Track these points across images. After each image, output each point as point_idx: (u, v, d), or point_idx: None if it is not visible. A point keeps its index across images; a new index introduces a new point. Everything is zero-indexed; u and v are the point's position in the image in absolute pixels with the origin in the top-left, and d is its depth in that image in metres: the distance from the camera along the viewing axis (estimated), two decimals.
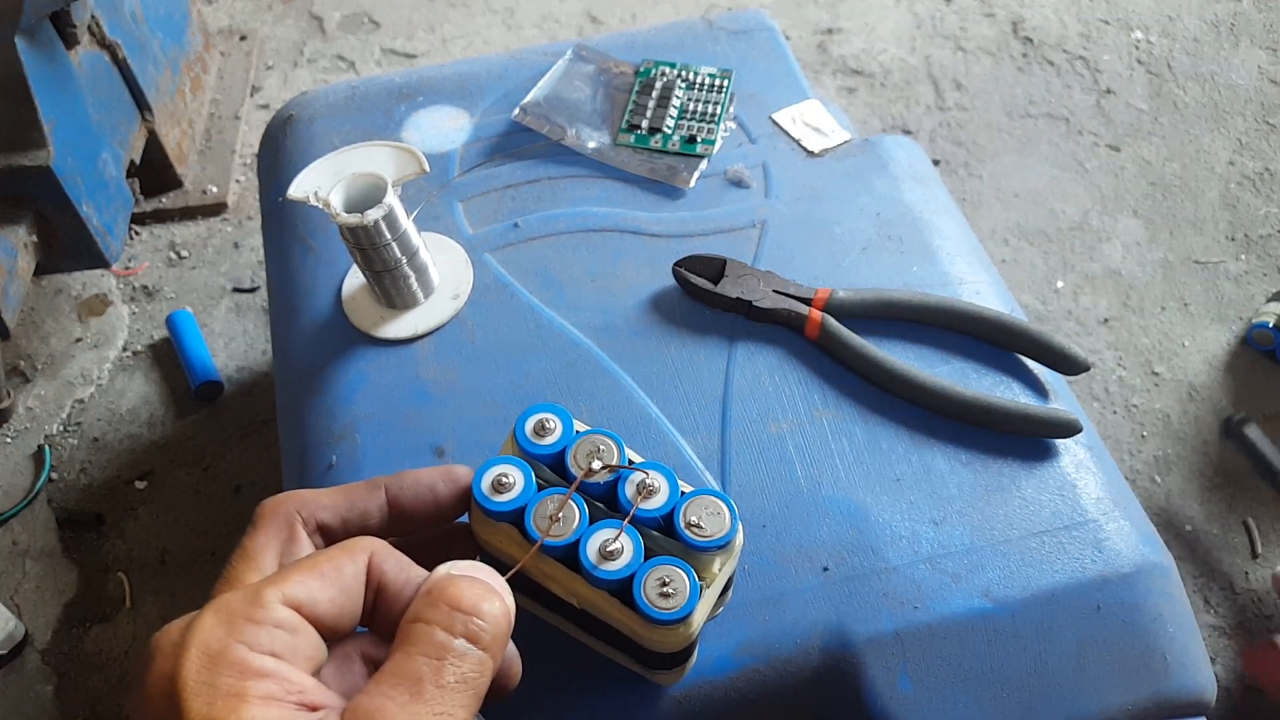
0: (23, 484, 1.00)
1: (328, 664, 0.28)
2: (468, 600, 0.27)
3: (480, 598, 0.27)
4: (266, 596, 0.26)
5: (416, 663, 0.25)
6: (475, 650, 0.26)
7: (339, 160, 0.53)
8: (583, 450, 0.38)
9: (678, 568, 0.36)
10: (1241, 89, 1.29)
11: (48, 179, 0.92)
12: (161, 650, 0.25)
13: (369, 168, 0.53)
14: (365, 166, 0.53)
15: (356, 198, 0.53)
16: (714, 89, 0.70)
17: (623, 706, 0.44)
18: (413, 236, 0.55)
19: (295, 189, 0.52)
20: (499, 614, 0.28)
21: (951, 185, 1.19)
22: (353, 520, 0.32)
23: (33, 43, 0.90)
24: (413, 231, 0.55)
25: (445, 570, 0.29)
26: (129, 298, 1.16)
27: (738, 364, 0.56)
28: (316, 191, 0.51)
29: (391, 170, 0.53)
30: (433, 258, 0.59)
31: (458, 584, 0.28)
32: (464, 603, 0.27)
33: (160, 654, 0.25)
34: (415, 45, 1.43)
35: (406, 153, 0.53)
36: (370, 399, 0.56)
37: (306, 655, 0.26)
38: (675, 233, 0.63)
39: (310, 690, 0.25)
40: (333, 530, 0.32)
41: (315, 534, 0.32)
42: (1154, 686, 0.47)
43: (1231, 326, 1.05)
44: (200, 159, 1.27)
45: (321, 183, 0.52)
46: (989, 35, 1.37)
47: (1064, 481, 0.52)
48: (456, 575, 0.29)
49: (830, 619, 0.47)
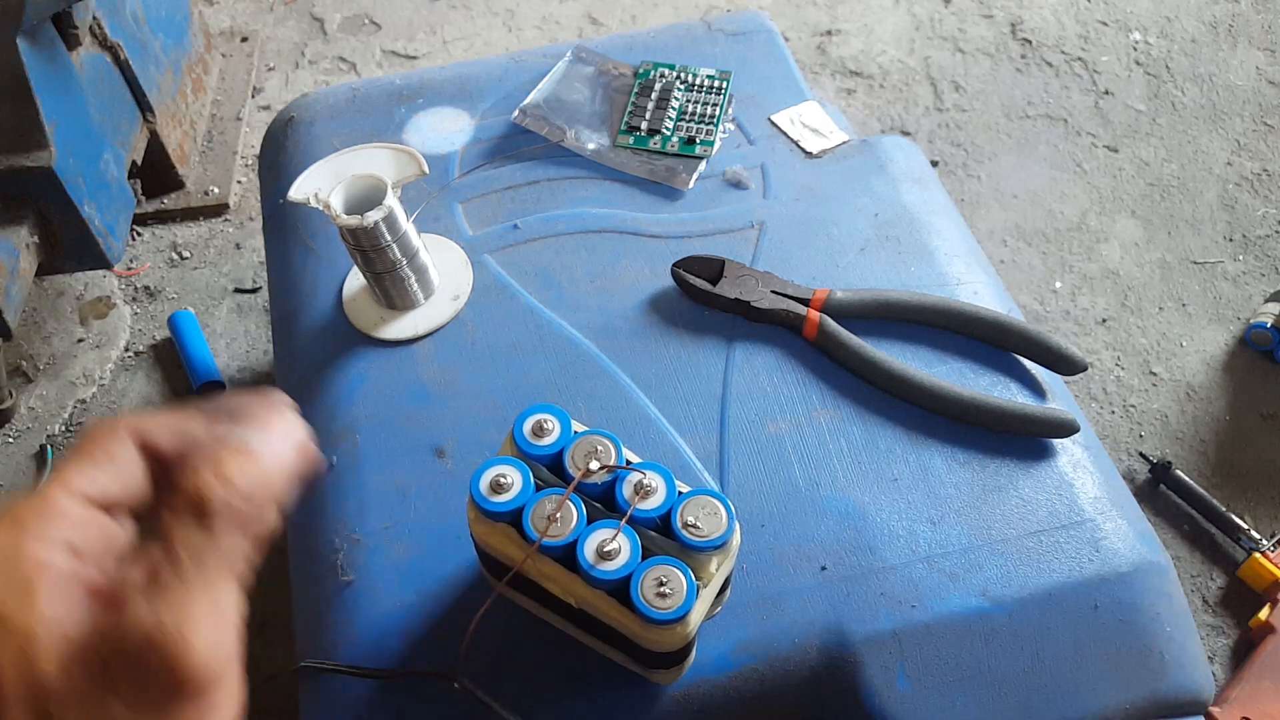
0: (24, 484, 1.00)
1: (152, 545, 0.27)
2: (190, 487, 0.26)
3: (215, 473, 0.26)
4: (51, 493, 0.26)
5: (159, 551, 0.25)
6: (208, 538, 0.26)
7: (339, 162, 0.54)
8: (580, 451, 0.39)
9: (675, 568, 0.36)
10: (1240, 90, 1.29)
11: (50, 180, 0.92)
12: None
13: (369, 170, 0.53)
14: (365, 168, 0.53)
15: (357, 199, 0.53)
16: (713, 90, 0.70)
17: (621, 705, 0.45)
18: (412, 238, 0.56)
19: (296, 191, 0.52)
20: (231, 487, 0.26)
21: (950, 186, 1.20)
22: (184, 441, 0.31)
23: (34, 44, 0.90)
24: (412, 233, 0.56)
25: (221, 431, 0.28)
26: (131, 298, 1.16)
27: (736, 364, 0.57)
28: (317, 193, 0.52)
29: (391, 172, 0.53)
30: (432, 259, 0.59)
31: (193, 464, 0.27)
32: (190, 492, 0.26)
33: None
34: (416, 47, 1.43)
35: (406, 154, 0.54)
36: (370, 399, 0.56)
37: (103, 542, 0.27)
38: (674, 234, 0.63)
39: (104, 577, 0.25)
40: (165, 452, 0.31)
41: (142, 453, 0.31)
42: (1151, 685, 0.47)
43: (1229, 327, 1.05)
44: (202, 160, 1.27)
45: (322, 185, 0.52)
46: (987, 36, 1.38)
47: (1061, 481, 0.52)
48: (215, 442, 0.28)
49: (828, 618, 0.47)
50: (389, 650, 0.46)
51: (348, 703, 0.45)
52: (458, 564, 0.49)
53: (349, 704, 0.45)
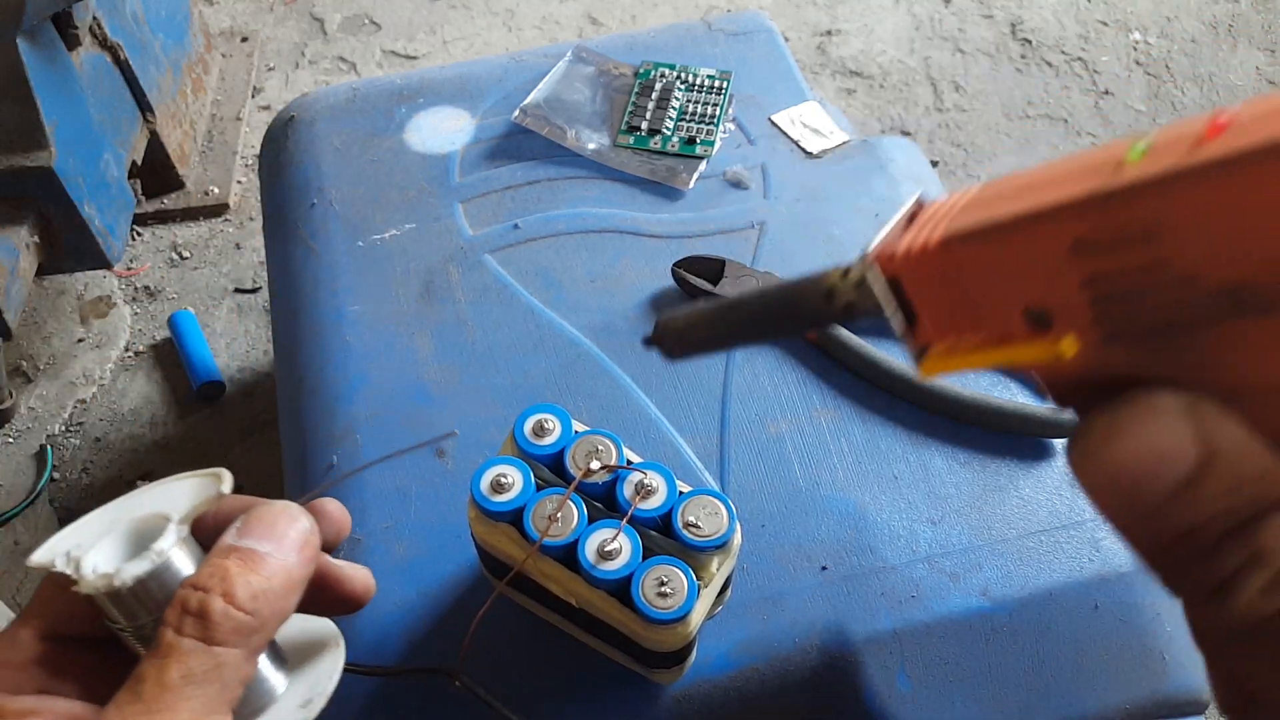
0: (24, 484, 1.00)
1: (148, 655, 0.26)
2: (195, 601, 0.25)
3: (210, 590, 0.25)
4: (20, 637, 0.26)
5: (145, 663, 0.24)
6: (202, 647, 0.24)
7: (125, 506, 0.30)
8: (581, 450, 0.39)
9: (675, 567, 0.36)
10: (1240, 90, 1.29)
11: (50, 180, 0.92)
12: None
13: (156, 507, 0.30)
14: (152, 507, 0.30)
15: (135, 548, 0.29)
16: (713, 90, 0.70)
17: (621, 705, 0.45)
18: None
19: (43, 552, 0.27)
20: (231, 609, 0.25)
21: (950, 186, 1.20)
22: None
23: (34, 44, 0.90)
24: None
25: (226, 540, 0.27)
26: (131, 298, 1.16)
27: (736, 364, 0.57)
28: (70, 551, 0.27)
29: (183, 504, 0.30)
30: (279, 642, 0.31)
31: (200, 575, 0.25)
32: (191, 602, 0.25)
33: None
34: (416, 47, 1.43)
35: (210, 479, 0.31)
36: (370, 399, 0.56)
37: (88, 677, 0.26)
38: (674, 234, 0.63)
39: (79, 713, 0.25)
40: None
41: None
42: (1152, 685, 0.47)
43: None
44: (202, 160, 1.27)
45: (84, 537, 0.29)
46: (988, 37, 1.38)
47: (1062, 481, 0.52)
48: (218, 551, 0.26)
49: (829, 618, 0.47)
50: (389, 649, 0.46)
51: (348, 700, 0.45)
52: (458, 564, 0.49)
53: (349, 701, 0.45)
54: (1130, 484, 0.21)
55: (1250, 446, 0.20)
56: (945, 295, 0.23)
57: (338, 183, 0.67)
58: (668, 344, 0.28)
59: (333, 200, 0.66)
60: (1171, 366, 0.21)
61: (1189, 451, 0.20)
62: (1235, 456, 0.20)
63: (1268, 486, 0.20)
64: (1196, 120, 0.18)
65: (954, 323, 0.23)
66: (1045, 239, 0.20)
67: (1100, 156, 0.20)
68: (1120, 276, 0.20)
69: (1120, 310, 0.20)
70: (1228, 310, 0.19)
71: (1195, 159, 0.18)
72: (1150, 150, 0.19)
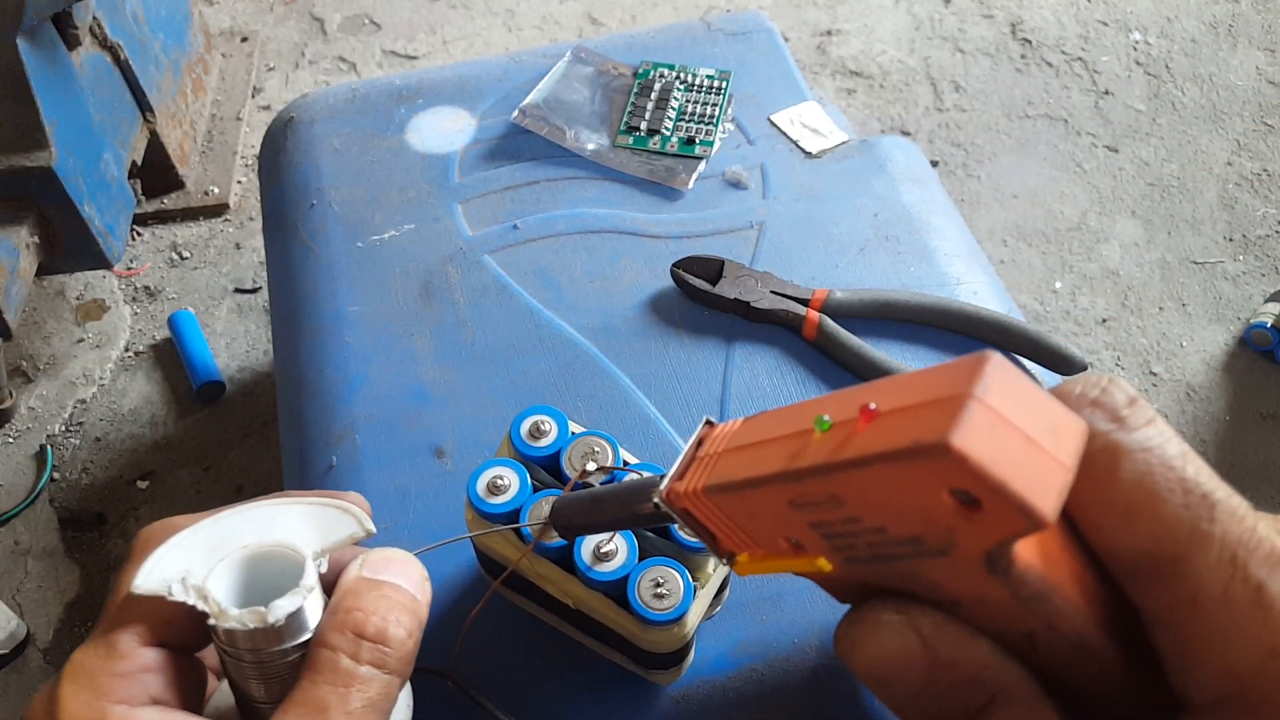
0: (25, 484, 1.00)
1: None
2: (373, 628, 0.26)
3: (387, 619, 0.26)
4: (121, 645, 0.25)
5: (323, 690, 0.24)
6: (381, 675, 0.25)
7: (224, 527, 0.29)
8: (577, 452, 0.39)
9: (672, 568, 0.36)
10: (1240, 90, 1.29)
11: (50, 180, 0.93)
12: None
13: (274, 537, 0.29)
14: (268, 535, 0.29)
15: (257, 584, 0.29)
16: (712, 90, 0.70)
17: (619, 706, 0.45)
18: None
19: (146, 577, 0.27)
20: (404, 635, 0.26)
21: (950, 186, 1.20)
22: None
23: (34, 44, 0.90)
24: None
25: (354, 572, 0.27)
26: (131, 298, 1.16)
27: (736, 364, 0.57)
28: (184, 579, 0.27)
29: (313, 539, 0.29)
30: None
31: (364, 603, 0.26)
32: (368, 629, 0.26)
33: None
34: (416, 47, 1.43)
35: (337, 511, 0.30)
36: (370, 399, 0.56)
37: (187, 687, 0.26)
38: (673, 234, 0.63)
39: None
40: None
41: None
42: None
43: (1230, 327, 1.05)
44: (202, 160, 1.27)
45: (194, 563, 0.28)
46: (987, 36, 1.38)
47: None
48: (363, 584, 0.27)
49: (828, 618, 0.47)
50: None
51: None
52: (456, 564, 0.49)
53: None
54: (878, 683, 0.25)
55: (966, 650, 0.24)
56: (724, 523, 0.28)
57: (337, 183, 0.67)
58: (559, 527, 0.35)
59: (332, 201, 0.66)
60: (901, 582, 0.25)
61: (917, 657, 0.24)
62: (950, 661, 0.24)
63: (979, 687, 0.24)
64: (857, 398, 0.23)
65: (740, 542, 0.28)
66: (769, 498, 0.25)
67: (798, 421, 0.25)
68: (833, 524, 0.24)
69: (844, 544, 0.25)
70: (915, 552, 0.23)
71: (842, 455, 0.22)
72: (831, 428, 0.23)
